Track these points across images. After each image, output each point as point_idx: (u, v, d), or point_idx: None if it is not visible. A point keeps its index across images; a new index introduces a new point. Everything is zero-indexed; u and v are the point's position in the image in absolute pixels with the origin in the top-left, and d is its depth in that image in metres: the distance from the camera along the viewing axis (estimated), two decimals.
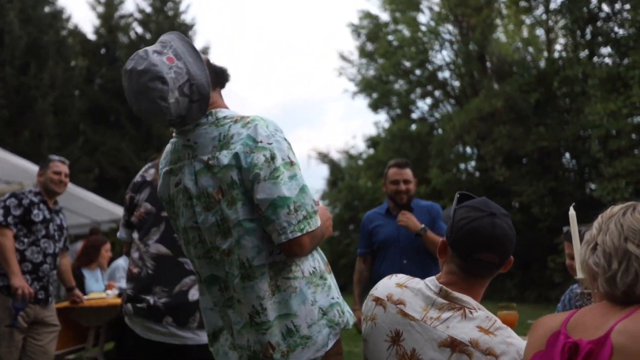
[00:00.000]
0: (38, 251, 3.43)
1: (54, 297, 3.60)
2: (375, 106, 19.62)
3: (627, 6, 12.39)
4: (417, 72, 18.29)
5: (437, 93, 18.76)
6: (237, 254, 1.48)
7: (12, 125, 15.03)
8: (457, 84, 18.20)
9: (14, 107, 15.09)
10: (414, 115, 19.49)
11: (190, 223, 1.57)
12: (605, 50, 13.26)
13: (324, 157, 23.10)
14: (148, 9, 19.52)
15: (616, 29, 12.88)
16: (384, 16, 19.45)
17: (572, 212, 1.77)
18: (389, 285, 1.56)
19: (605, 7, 13.15)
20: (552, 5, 14.86)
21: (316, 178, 33.70)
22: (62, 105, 16.43)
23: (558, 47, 15.75)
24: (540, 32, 16.88)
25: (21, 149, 13.86)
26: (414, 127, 18.30)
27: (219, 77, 1.67)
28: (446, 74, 18.35)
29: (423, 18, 18.50)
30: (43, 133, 15.36)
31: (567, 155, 14.95)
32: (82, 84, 18.00)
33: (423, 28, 18.07)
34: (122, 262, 5.34)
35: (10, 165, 9.90)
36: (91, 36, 19.28)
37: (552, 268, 12.64)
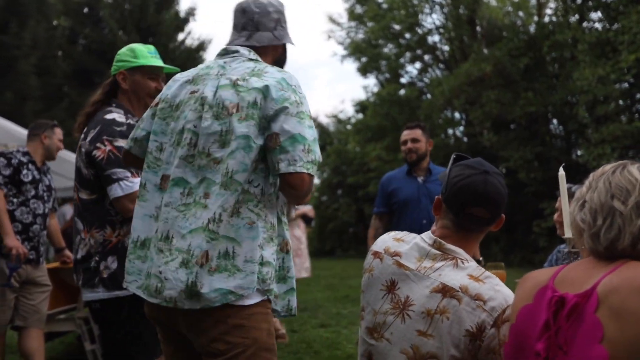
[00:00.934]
0: (28, 211, 3.43)
1: (44, 257, 3.61)
2: (364, 70, 19.47)
3: None
4: (407, 35, 18.10)
5: (426, 57, 18.62)
6: (227, 164, 1.59)
7: None
8: (446, 48, 18.06)
9: None
10: (403, 80, 19.40)
11: (190, 125, 1.68)
12: (595, 15, 13.19)
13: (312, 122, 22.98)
14: None
15: None
16: None
17: (561, 172, 1.80)
18: (386, 239, 1.64)
19: None
20: None
21: None
22: (46, 67, 16.10)
23: (548, 11, 15.63)
24: None
25: (5, 110, 13.59)
26: (403, 91, 18.20)
27: (283, 53, 1.92)
28: (436, 38, 18.20)
29: None
30: (26, 94, 15.09)
31: (555, 121, 15.01)
32: (65, 45, 17.61)
33: None
34: None
35: None
36: None
37: (537, 232, 12.86)
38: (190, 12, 19.90)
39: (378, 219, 3.76)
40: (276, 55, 1.88)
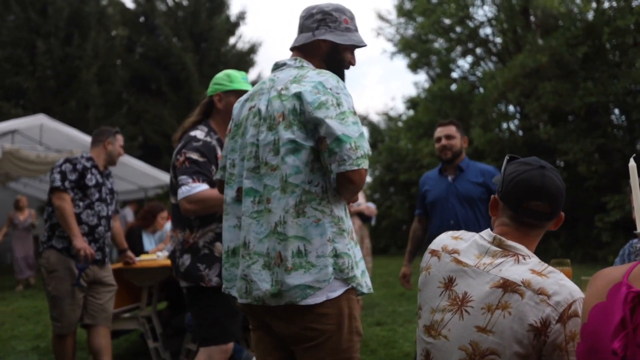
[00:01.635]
0: (93, 214, 3.59)
1: (109, 258, 3.78)
2: (414, 66, 19.21)
3: None
4: (458, 29, 17.70)
5: (478, 51, 18.16)
6: (281, 169, 1.71)
7: (59, 96, 15.48)
8: (499, 40, 17.57)
9: (60, 78, 15.52)
10: (455, 75, 19.01)
11: (252, 139, 1.82)
12: None
13: (363, 120, 22.90)
14: None
15: None
16: None
17: (632, 163, 1.71)
18: (444, 238, 1.64)
19: None
20: None
21: None
22: (106, 75, 16.78)
23: None
24: None
25: (69, 118, 14.31)
26: (454, 86, 17.86)
27: (332, 52, 1.95)
28: (488, 30, 17.72)
29: None
30: (89, 102, 15.78)
31: (617, 111, 14.35)
32: (123, 54, 18.29)
33: None
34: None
35: (60, 135, 10.28)
36: (130, 5, 19.50)
37: (599, 227, 12.35)
38: (241, 16, 20.28)
39: (417, 221, 3.73)
40: (321, 53, 1.94)
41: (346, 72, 1.99)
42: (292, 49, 1.97)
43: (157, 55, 18.32)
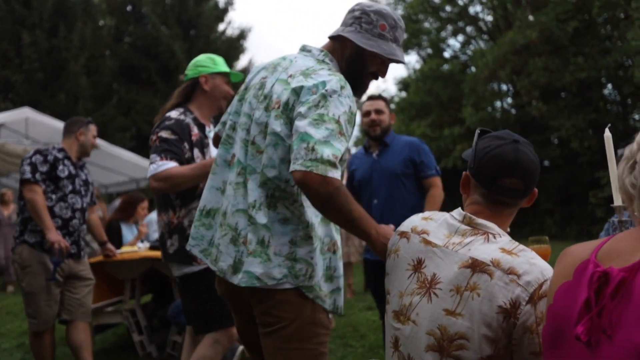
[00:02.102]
0: (66, 207, 3.51)
1: (85, 251, 3.72)
2: (405, 47, 19.02)
3: None
4: (447, 8, 17.56)
5: (468, 29, 18.02)
6: (263, 156, 1.67)
7: (47, 88, 15.33)
8: (489, 18, 17.43)
9: (48, 70, 15.35)
10: (446, 54, 18.88)
11: (249, 111, 1.78)
12: None
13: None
14: None
15: None
16: None
17: (607, 133, 1.64)
18: (414, 219, 1.56)
19: None
20: None
21: None
22: (94, 66, 16.60)
23: None
24: None
25: (58, 111, 14.17)
26: (446, 66, 17.74)
27: (355, 55, 1.82)
28: (478, 8, 17.56)
29: None
30: (78, 94, 15.62)
31: (609, 85, 14.28)
32: (111, 44, 18.09)
33: None
34: (154, 216, 5.51)
35: (49, 128, 10.16)
36: None
37: (593, 203, 12.37)
38: (229, 2, 20.03)
39: None
40: (344, 53, 1.82)
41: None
42: (329, 37, 1.86)
43: (145, 44, 18.11)
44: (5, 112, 10.35)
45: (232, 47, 19.20)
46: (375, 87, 32.44)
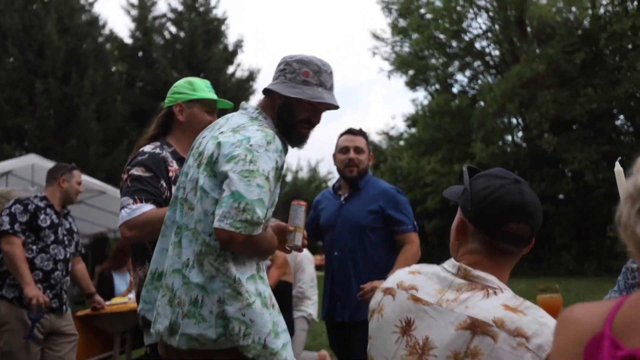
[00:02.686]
0: (48, 258, 3.36)
1: (68, 305, 3.56)
2: (412, 83, 19.10)
3: None
4: (454, 43, 17.63)
5: (475, 64, 18.04)
6: (194, 212, 1.65)
7: (59, 135, 15.54)
8: (496, 52, 17.44)
9: (60, 117, 15.60)
10: (454, 90, 18.86)
11: (187, 169, 1.79)
12: None
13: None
14: (180, 8, 19.74)
15: None
16: None
17: (618, 167, 1.48)
18: (400, 273, 1.37)
19: None
20: None
21: None
22: (105, 111, 16.84)
23: (603, 1, 14.78)
24: None
25: (69, 157, 14.30)
26: (454, 102, 17.68)
27: (283, 105, 1.83)
28: (484, 43, 17.60)
29: None
30: (89, 139, 15.79)
31: (621, 116, 14.07)
32: (122, 89, 18.41)
33: None
34: None
35: None
36: (128, 40, 19.68)
37: (612, 237, 11.98)
38: (238, 45, 20.39)
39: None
40: (274, 106, 1.84)
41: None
42: (262, 92, 1.89)
43: (155, 88, 18.40)
44: (12, 159, 10.44)
45: (241, 89, 19.44)
46: (384, 123, 32.49)
